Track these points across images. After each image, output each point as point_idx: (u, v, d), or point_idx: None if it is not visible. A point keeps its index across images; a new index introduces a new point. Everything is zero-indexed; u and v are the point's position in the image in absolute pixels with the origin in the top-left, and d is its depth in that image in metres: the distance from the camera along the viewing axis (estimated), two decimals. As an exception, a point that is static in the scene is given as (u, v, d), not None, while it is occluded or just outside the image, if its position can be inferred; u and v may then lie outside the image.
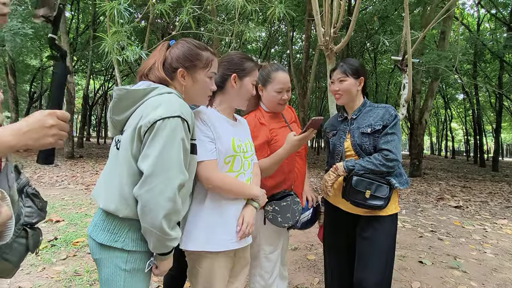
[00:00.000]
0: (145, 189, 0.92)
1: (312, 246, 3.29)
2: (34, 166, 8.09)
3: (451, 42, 9.26)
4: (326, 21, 2.17)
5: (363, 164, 1.48)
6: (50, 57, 0.91)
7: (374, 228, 1.52)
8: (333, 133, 1.71)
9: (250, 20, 7.18)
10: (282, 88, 1.59)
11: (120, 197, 0.97)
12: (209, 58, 1.12)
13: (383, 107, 1.57)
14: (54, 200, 4.75)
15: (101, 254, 1.01)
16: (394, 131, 1.50)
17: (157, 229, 0.94)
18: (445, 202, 5.88)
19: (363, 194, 1.47)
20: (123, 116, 1.04)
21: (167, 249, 1.00)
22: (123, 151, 0.99)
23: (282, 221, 1.54)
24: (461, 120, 26.00)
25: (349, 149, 1.59)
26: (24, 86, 19.90)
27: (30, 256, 2.69)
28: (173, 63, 1.08)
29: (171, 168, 0.93)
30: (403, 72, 2.55)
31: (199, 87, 1.13)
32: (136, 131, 0.96)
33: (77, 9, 14.69)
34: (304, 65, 11.17)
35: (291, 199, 1.55)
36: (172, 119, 0.94)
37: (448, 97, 20.86)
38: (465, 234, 3.92)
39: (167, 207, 0.93)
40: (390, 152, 1.46)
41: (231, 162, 1.27)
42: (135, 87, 1.04)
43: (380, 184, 1.48)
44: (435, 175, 10.49)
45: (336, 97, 1.64)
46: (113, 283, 0.99)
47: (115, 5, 2.91)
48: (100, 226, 1.02)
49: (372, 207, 1.48)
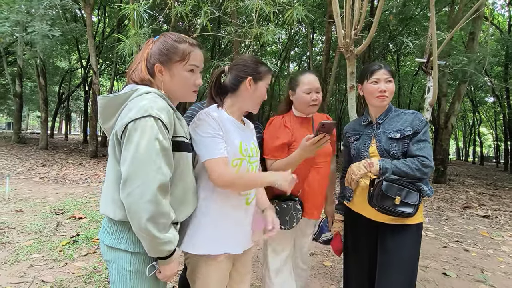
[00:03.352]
0: (126, 193, 0.92)
1: (329, 252, 3.22)
2: (60, 164, 8.46)
3: (481, 43, 8.83)
4: (346, 23, 2.12)
5: (399, 166, 1.42)
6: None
7: (399, 237, 1.46)
8: (355, 138, 1.64)
9: (270, 23, 7.18)
10: (310, 88, 1.63)
11: (112, 201, 0.99)
12: (187, 50, 1.07)
13: (412, 113, 1.53)
14: (78, 197, 4.94)
15: (109, 256, 1.03)
16: (426, 138, 1.47)
17: (144, 233, 0.93)
18: (472, 210, 5.59)
19: (393, 201, 1.41)
20: (111, 123, 1.04)
21: (161, 253, 0.98)
22: (110, 157, 1.01)
23: (280, 222, 1.56)
24: (491, 125, 24.71)
25: (375, 154, 1.53)
26: (54, 88, 20.94)
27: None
28: (151, 59, 1.06)
29: (147, 170, 0.91)
30: (428, 74, 2.45)
31: (178, 82, 1.08)
32: (115, 136, 0.97)
33: (104, 14, 15.29)
34: (324, 67, 11.02)
35: (293, 204, 1.59)
36: (143, 119, 0.92)
37: (476, 100, 19.89)
38: (494, 245, 3.70)
39: (148, 210, 0.90)
40: (426, 158, 1.42)
41: (238, 166, 1.26)
42: (119, 92, 1.03)
43: (410, 190, 1.42)
44: (462, 182, 10.00)
45: (381, 97, 1.51)
46: (120, 283, 1.02)
47: (135, 7, 3.00)
48: (106, 229, 1.04)
49: (401, 214, 1.42)
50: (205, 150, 1.18)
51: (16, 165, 7.81)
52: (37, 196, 4.86)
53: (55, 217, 3.78)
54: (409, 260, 1.44)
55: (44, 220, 3.63)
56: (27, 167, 7.56)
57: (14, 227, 3.32)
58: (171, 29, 8.07)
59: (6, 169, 7.17)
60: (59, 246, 2.90)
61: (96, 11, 14.66)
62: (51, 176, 6.75)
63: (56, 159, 9.44)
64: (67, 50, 15.27)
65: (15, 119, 13.32)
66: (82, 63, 17.17)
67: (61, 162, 8.95)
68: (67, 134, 21.23)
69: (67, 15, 11.58)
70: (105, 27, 16.28)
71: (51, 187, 5.65)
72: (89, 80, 17.16)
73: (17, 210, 3.95)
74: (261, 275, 1.83)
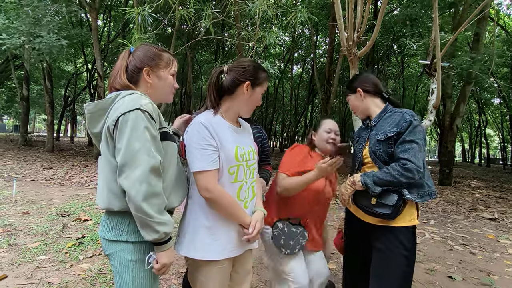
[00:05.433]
0: (123, 177, 1.01)
1: (332, 254, 3.20)
2: (66, 167, 8.54)
3: (486, 44, 8.76)
4: (349, 26, 2.12)
5: (381, 176, 1.39)
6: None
7: (387, 239, 1.43)
8: (356, 140, 1.70)
9: (273, 25, 7.21)
10: (331, 129, 1.82)
11: (109, 193, 1.08)
12: (170, 58, 1.24)
13: (400, 113, 1.48)
14: (83, 199, 4.99)
15: (110, 249, 1.10)
16: (412, 138, 1.38)
17: (140, 213, 1.00)
18: (478, 213, 5.53)
19: (369, 200, 1.42)
20: (98, 128, 1.13)
21: (157, 234, 1.02)
22: (103, 154, 1.10)
23: (283, 244, 1.64)
24: (497, 126, 24.45)
25: (367, 156, 1.54)
26: (59, 91, 21.18)
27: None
28: (138, 64, 1.18)
29: (140, 154, 1.01)
30: (431, 77, 2.44)
31: (164, 84, 1.22)
32: (107, 132, 1.07)
33: (109, 18, 15.46)
34: (328, 69, 11.01)
35: (302, 231, 1.66)
36: (132, 112, 1.03)
37: (482, 101, 19.70)
38: (500, 248, 3.66)
39: (143, 190, 1.00)
40: (408, 161, 1.35)
41: (236, 172, 1.26)
42: (103, 99, 1.13)
43: (387, 191, 1.39)
44: (467, 184, 9.90)
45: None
46: (123, 274, 1.08)
47: (140, 11, 3.04)
48: (106, 226, 1.12)
49: (378, 215, 1.41)
50: (194, 161, 1.20)
51: (22, 167, 7.90)
52: (43, 198, 4.92)
53: (61, 219, 3.82)
54: (399, 263, 1.39)
55: (50, 222, 3.68)
56: (34, 170, 7.65)
57: (21, 229, 3.36)
58: (175, 33, 8.13)
59: (13, 171, 7.26)
60: (65, 248, 2.93)
61: (101, 15, 14.83)
62: (57, 178, 6.82)
63: (61, 162, 9.53)
64: (73, 53, 15.43)
65: (22, 122, 13.50)
66: (87, 66, 17.37)
67: (67, 164, 9.03)
68: (72, 137, 21.44)
69: (73, 20, 11.74)
70: (110, 31, 16.46)
71: (57, 189, 5.71)
72: (95, 83, 17.34)
73: (24, 212, 4.00)
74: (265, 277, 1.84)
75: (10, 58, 13.25)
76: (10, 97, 20.65)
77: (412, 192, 1.40)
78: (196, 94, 18.40)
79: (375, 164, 1.49)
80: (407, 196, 1.38)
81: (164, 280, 2.46)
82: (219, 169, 1.23)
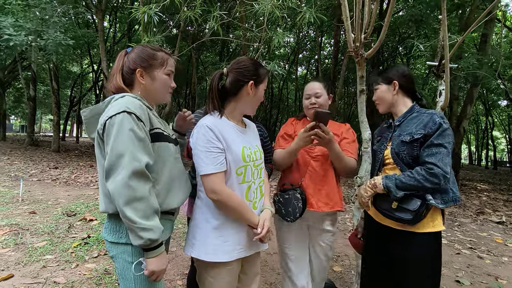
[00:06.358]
0: (109, 181, 1.01)
1: (338, 257, 3.18)
2: (72, 166, 8.60)
3: (493, 46, 8.66)
4: (356, 27, 2.11)
5: (404, 180, 1.33)
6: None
7: (409, 244, 1.36)
8: (377, 139, 1.63)
9: (279, 26, 7.20)
10: (309, 94, 1.79)
11: (104, 196, 1.09)
12: (164, 57, 1.22)
13: (429, 114, 1.40)
14: (89, 199, 5.01)
15: (113, 251, 1.12)
16: (441, 142, 1.31)
17: (124, 217, 1.00)
18: (486, 216, 5.45)
19: (390, 204, 1.36)
20: (96, 133, 1.12)
21: (141, 240, 1.00)
22: (97, 158, 1.12)
23: (285, 214, 1.65)
24: (504, 128, 24.15)
25: (388, 157, 1.48)
26: (66, 91, 21.37)
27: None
28: (131, 65, 1.18)
29: (124, 157, 1.00)
30: (439, 78, 2.41)
31: (159, 84, 1.21)
32: (98, 137, 1.08)
33: (115, 19, 15.58)
34: (333, 70, 10.98)
35: (293, 193, 1.64)
36: (118, 115, 1.02)
37: (489, 103, 19.47)
38: (508, 252, 3.60)
39: (124, 194, 0.98)
40: (434, 166, 1.28)
41: (243, 173, 1.26)
42: (99, 103, 1.15)
43: (410, 195, 1.33)
44: (474, 187, 9.78)
45: (376, 107, 1.64)
46: (125, 276, 1.09)
47: (146, 9, 3.05)
48: (108, 228, 1.13)
49: (398, 219, 1.35)
50: (201, 164, 1.19)
51: (29, 167, 7.98)
52: (49, 198, 4.96)
53: (66, 219, 3.84)
54: (425, 271, 1.34)
55: (56, 221, 3.70)
56: (40, 169, 7.72)
57: (28, 228, 3.38)
58: (180, 34, 8.15)
59: (20, 171, 7.33)
60: (70, 248, 2.94)
61: (107, 17, 14.94)
62: (63, 178, 6.87)
63: (67, 162, 9.61)
64: (79, 54, 15.57)
65: (29, 122, 13.63)
66: (93, 67, 17.49)
67: (73, 164, 9.10)
68: (78, 137, 21.60)
69: (80, 21, 11.84)
70: (116, 32, 16.58)
71: (63, 189, 5.75)
72: (100, 84, 17.48)
73: (30, 211, 4.04)
74: (270, 280, 1.84)
75: (18, 59, 13.41)
76: (18, 97, 20.89)
77: (436, 198, 1.34)
78: (201, 95, 18.43)
79: (397, 166, 1.43)
80: (431, 202, 1.32)
81: (169, 282, 2.46)
82: (227, 170, 1.22)
